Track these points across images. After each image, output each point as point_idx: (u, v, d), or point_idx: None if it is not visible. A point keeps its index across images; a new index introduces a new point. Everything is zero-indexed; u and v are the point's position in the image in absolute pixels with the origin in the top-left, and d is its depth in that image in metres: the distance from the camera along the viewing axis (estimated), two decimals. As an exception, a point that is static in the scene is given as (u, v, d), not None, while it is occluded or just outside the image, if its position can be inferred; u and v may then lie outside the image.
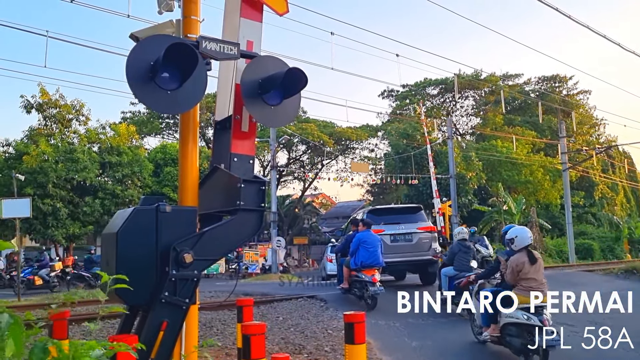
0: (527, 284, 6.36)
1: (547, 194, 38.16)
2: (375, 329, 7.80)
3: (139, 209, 4.05)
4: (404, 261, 12.07)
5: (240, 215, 4.23)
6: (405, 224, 12.22)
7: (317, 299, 10.52)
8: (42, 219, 24.15)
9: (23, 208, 13.36)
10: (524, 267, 6.35)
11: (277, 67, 4.40)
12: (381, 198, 44.23)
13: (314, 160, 43.43)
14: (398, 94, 46.93)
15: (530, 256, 6.43)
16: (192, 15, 4.75)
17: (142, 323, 4.07)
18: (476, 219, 33.64)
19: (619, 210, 43.47)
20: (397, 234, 12.01)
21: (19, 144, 26.00)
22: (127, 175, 27.27)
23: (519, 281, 6.40)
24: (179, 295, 3.91)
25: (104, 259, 4.29)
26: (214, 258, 4.47)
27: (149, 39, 4.04)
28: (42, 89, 25.56)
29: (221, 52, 4.17)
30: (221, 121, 4.85)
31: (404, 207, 14.41)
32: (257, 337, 3.54)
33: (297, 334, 7.67)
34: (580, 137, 43.84)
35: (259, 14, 4.68)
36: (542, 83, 46.93)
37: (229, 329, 7.98)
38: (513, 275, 6.43)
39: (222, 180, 4.52)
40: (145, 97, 4.03)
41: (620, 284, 13.70)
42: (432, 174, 27.13)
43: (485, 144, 38.70)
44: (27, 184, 23.62)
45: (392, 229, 12.00)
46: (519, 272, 6.37)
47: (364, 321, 4.12)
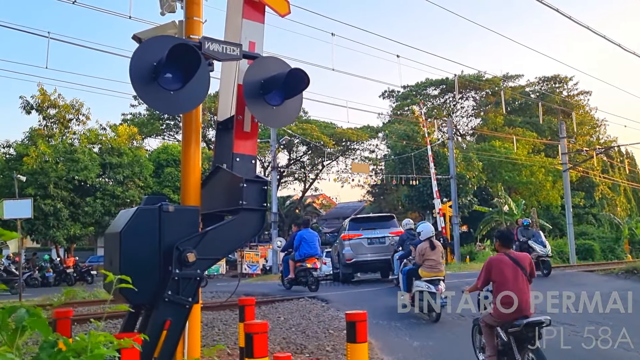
0: (429, 263, 8.65)
1: (548, 195, 38.16)
2: (377, 328, 7.82)
3: (142, 208, 4.07)
4: (378, 260, 14.31)
5: (242, 215, 4.25)
6: (380, 230, 14.70)
7: (318, 299, 10.54)
8: (44, 219, 24.21)
9: (24, 209, 13.36)
10: (427, 252, 8.70)
11: (279, 68, 4.43)
12: (381, 199, 44.25)
13: (314, 161, 43.45)
14: (399, 95, 46.96)
15: (430, 244, 8.81)
16: (195, 16, 4.79)
17: (145, 322, 4.09)
18: (477, 220, 33.65)
19: (620, 211, 43.46)
20: (373, 238, 14.51)
21: (19, 145, 26.06)
22: (128, 176, 27.32)
23: (423, 262, 8.70)
24: (182, 294, 3.93)
25: (107, 258, 4.31)
26: (216, 257, 4.50)
27: (152, 40, 4.07)
28: (42, 89, 25.63)
29: (224, 53, 4.19)
30: (223, 121, 4.87)
31: (379, 216, 17.01)
32: (259, 335, 3.55)
33: (298, 333, 7.69)
34: (581, 137, 43.85)
35: (261, 15, 4.71)
36: (543, 84, 46.97)
37: (230, 329, 8.00)
38: (419, 257, 8.80)
39: (224, 180, 4.55)
40: (149, 98, 4.05)
41: (621, 285, 13.69)
42: (432, 175, 27.16)
43: (486, 144, 38.72)
44: (28, 184, 23.67)
45: (369, 234, 14.60)
46: (423, 255, 8.71)
47: (365, 320, 4.13)
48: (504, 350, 5.24)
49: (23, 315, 1.40)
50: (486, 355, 5.47)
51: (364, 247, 14.40)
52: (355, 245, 14.44)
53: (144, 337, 2.27)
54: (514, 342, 5.12)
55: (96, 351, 1.47)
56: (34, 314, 1.41)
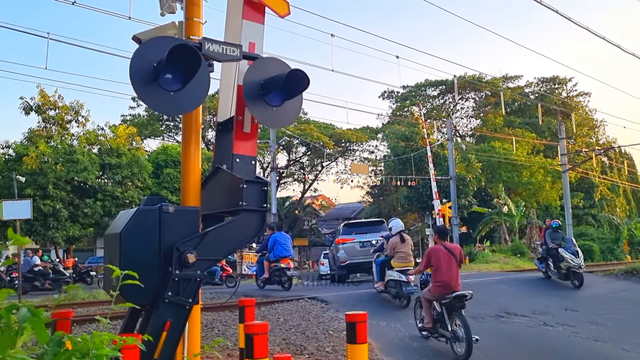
0: (400, 255, 9.75)
1: (547, 196, 38.19)
2: (376, 329, 7.82)
3: (142, 209, 4.06)
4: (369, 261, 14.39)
5: (242, 216, 4.24)
6: (371, 234, 15.69)
7: (318, 300, 10.53)
8: (43, 220, 24.18)
9: (24, 209, 13.32)
10: (397, 245, 9.84)
11: (279, 69, 4.43)
12: (381, 200, 44.26)
13: (313, 162, 43.45)
14: (398, 96, 46.98)
15: (401, 237, 9.93)
16: (195, 17, 4.78)
17: (145, 323, 4.08)
18: (476, 221, 33.67)
19: (619, 212, 43.49)
20: (364, 242, 15.46)
21: (19, 146, 26.03)
22: (127, 177, 27.29)
23: (395, 253, 9.83)
24: (182, 295, 3.92)
25: (107, 259, 4.30)
26: (216, 258, 4.50)
27: (152, 41, 4.06)
28: (41, 90, 25.62)
29: (224, 54, 4.19)
30: (223, 122, 4.87)
31: (370, 221, 18.25)
32: (260, 336, 3.54)
33: (298, 334, 7.69)
34: (580, 138, 43.90)
35: (261, 16, 4.71)
36: (542, 85, 47.03)
37: (230, 330, 8.00)
38: (391, 249, 9.98)
39: (224, 181, 4.54)
40: (149, 99, 4.05)
41: (620, 286, 13.71)
42: (432, 176, 27.15)
43: (485, 145, 38.73)
44: (27, 185, 23.66)
45: (361, 238, 15.68)
46: (394, 248, 9.85)
47: (365, 321, 4.13)
48: (438, 319, 6.99)
49: (25, 315, 1.40)
50: (425, 322, 7.21)
51: (357, 250, 15.41)
52: (349, 248, 15.69)
53: (148, 337, 2.26)
54: (445, 311, 6.81)
55: (99, 351, 1.46)
56: (36, 314, 1.41)
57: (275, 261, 13.46)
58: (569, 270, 12.47)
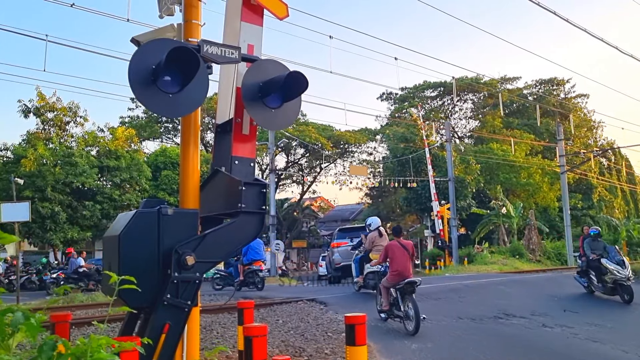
0: (377, 248, 10.49)
1: (545, 197, 38.21)
2: (375, 331, 7.82)
3: (141, 211, 4.05)
4: None
5: (241, 218, 4.24)
6: None
7: (317, 302, 10.52)
8: (41, 222, 24.14)
9: (22, 212, 13.30)
10: (376, 239, 10.86)
11: (278, 71, 4.43)
12: (380, 201, 44.27)
13: (312, 164, 43.46)
14: (397, 97, 47.00)
15: (379, 232, 11.03)
16: (193, 19, 4.79)
17: (144, 325, 4.08)
18: (475, 222, 33.66)
19: (617, 213, 43.52)
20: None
21: (17, 148, 26.00)
22: (126, 180, 27.26)
23: (373, 247, 10.79)
24: (181, 297, 3.92)
25: (106, 261, 4.29)
26: (215, 260, 4.49)
27: (151, 43, 4.07)
28: (40, 92, 25.59)
29: (222, 56, 4.19)
30: (222, 124, 4.87)
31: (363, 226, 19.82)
32: (259, 339, 3.54)
33: (297, 336, 7.67)
34: (578, 140, 43.97)
35: (260, 18, 4.71)
36: (540, 86, 47.09)
37: (229, 332, 7.98)
38: (369, 243, 10.99)
39: (223, 183, 4.54)
40: (147, 101, 4.05)
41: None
42: (430, 177, 27.17)
43: (484, 147, 38.78)
44: (26, 187, 23.61)
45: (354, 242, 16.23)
46: (373, 242, 10.88)
47: (364, 323, 4.12)
48: (393, 303, 8.20)
49: (19, 318, 1.40)
50: (383, 306, 8.45)
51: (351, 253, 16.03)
52: (343, 252, 16.65)
53: (148, 341, 2.26)
54: (399, 295, 8.04)
55: (96, 355, 1.46)
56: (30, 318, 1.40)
57: (249, 264, 14.62)
58: (615, 284, 11.00)
